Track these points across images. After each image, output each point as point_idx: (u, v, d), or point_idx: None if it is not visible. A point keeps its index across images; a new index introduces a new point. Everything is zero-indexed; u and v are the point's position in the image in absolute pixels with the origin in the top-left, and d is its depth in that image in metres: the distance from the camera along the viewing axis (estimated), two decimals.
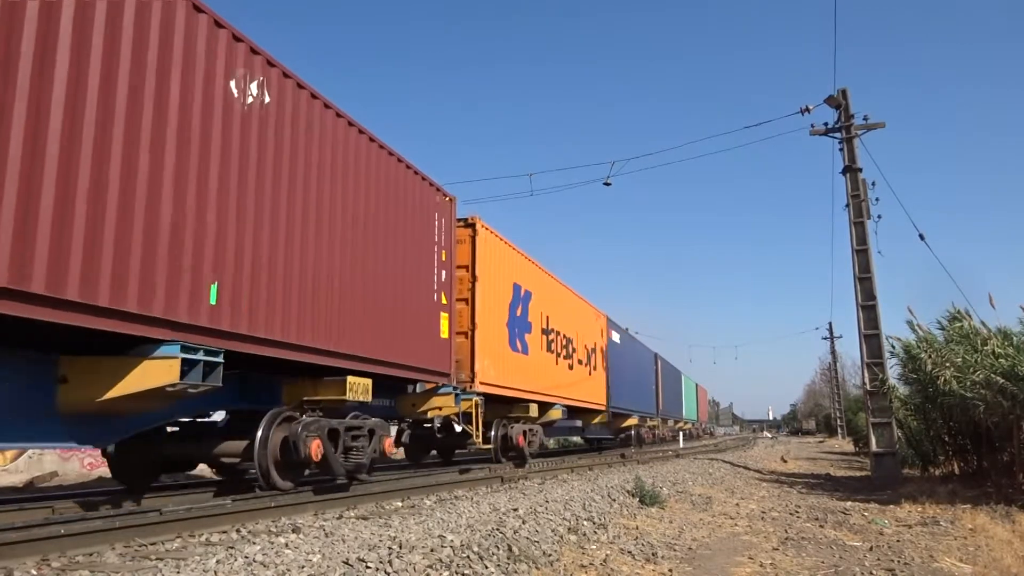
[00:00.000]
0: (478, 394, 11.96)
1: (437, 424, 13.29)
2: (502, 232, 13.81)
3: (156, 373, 5.63)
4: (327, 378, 8.30)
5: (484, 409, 12.47)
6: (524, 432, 14.30)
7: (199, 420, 8.72)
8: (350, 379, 8.22)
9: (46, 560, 4.65)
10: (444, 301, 10.83)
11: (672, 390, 39.07)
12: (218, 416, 8.73)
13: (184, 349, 5.72)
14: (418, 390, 10.90)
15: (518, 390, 13.92)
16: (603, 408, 21.31)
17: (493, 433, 13.18)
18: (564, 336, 17.69)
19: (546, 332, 16.09)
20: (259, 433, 7.43)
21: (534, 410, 14.72)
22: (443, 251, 10.88)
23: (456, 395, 11.19)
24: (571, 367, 18.24)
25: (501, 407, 13.83)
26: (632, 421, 26.57)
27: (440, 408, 11.10)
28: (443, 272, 10.81)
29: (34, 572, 4.34)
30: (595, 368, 20.93)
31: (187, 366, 5.77)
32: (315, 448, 7.57)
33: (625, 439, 28.01)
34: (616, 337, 24.42)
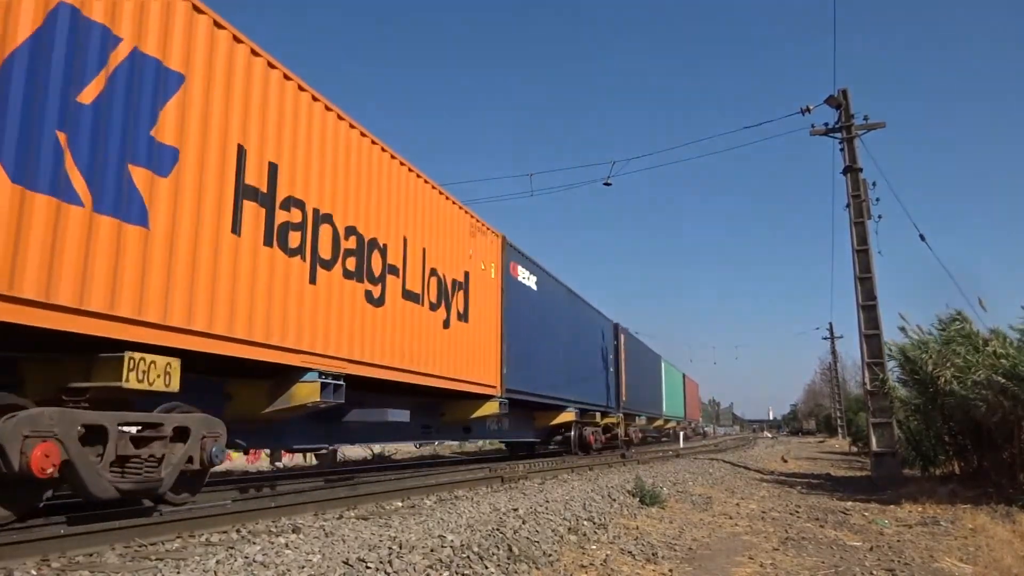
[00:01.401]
0: None
1: None
2: None
3: None
4: None
5: None
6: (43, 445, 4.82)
7: None
8: None
9: (46, 560, 4.65)
10: None
11: (645, 378, 30.56)
12: None
13: None
14: None
15: (75, 313, 5.13)
16: (493, 391, 12.89)
17: None
18: (351, 232, 8.60)
19: (264, 200, 7.10)
20: None
21: (149, 377, 5.68)
22: None
23: None
24: (378, 300, 9.06)
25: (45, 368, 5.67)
26: (567, 416, 17.95)
27: None
28: None
29: (34, 572, 4.34)
30: (465, 317, 11.79)
31: None
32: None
33: (564, 441, 19.53)
34: (529, 280, 15.22)
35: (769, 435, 74.58)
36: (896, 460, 13.63)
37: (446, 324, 11.13)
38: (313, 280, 7.85)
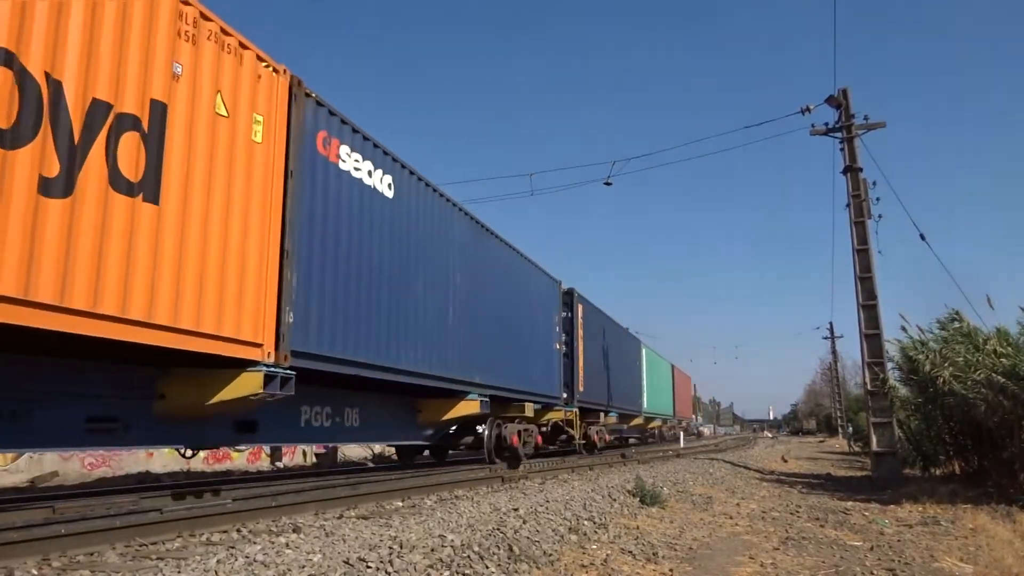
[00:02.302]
0: None
1: None
2: None
3: None
4: None
5: None
6: None
7: None
8: None
9: (47, 560, 4.65)
10: None
11: (618, 366, 24.06)
12: None
13: None
14: None
15: None
16: (255, 354, 6.78)
17: None
18: None
19: None
20: None
21: None
22: None
23: None
24: None
25: None
26: (468, 407, 11.81)
27: None
28: None
29: (35, 572, 4.34)
30: (148, 193, 5.74)
31: None
32: None
33: (475, 445, 13.54)
34: (375, 178, 9.33)
35: (769, 435, 74.62)
36: (896, 460, 13.62)
37: (59, 188, 5.09)
38: None
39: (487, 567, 4.57)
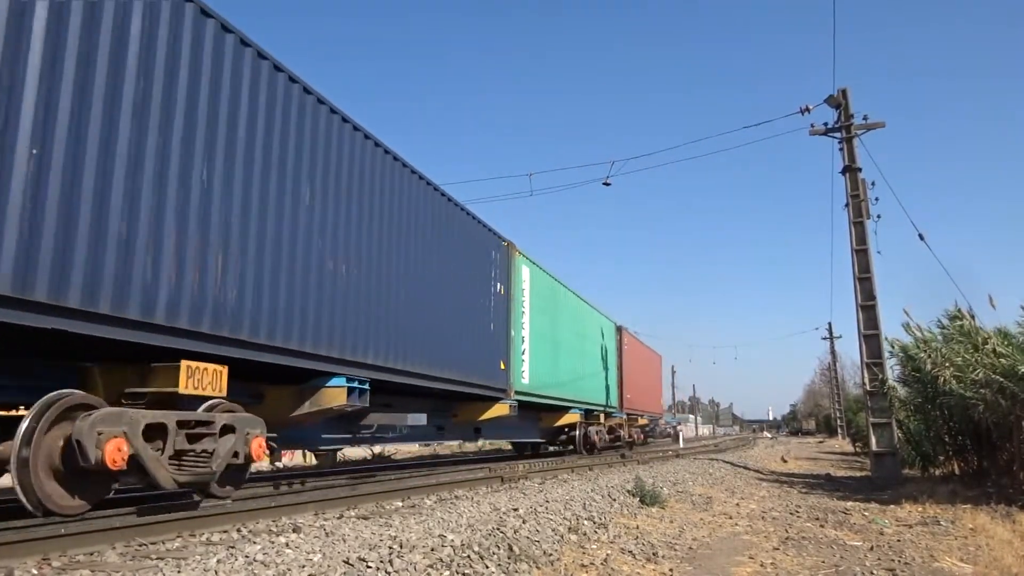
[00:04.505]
0: None
1: None
2: None
3: None
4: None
5: None
6: None
7: None
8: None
9: (47, 559, 4.65)
10: None
11: (415, 267, 9.92)
12: None
13: None
14: None
15: None
16: None
17: None
18: None
19: None
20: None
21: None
22: None
23: None
24: None
25: None
26: None
27: None
28: None
29: (35, 571, 4.34)
30: None
31: None
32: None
33: None
34: None
35: (769, 435, 74.66)
36: (896, 460, 13.63)
37: None
38: None
39: (487, 567, 4.57)
